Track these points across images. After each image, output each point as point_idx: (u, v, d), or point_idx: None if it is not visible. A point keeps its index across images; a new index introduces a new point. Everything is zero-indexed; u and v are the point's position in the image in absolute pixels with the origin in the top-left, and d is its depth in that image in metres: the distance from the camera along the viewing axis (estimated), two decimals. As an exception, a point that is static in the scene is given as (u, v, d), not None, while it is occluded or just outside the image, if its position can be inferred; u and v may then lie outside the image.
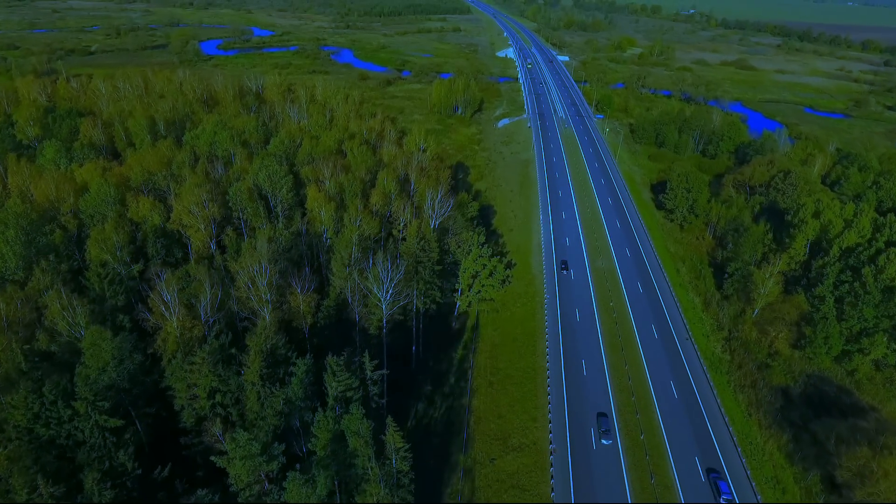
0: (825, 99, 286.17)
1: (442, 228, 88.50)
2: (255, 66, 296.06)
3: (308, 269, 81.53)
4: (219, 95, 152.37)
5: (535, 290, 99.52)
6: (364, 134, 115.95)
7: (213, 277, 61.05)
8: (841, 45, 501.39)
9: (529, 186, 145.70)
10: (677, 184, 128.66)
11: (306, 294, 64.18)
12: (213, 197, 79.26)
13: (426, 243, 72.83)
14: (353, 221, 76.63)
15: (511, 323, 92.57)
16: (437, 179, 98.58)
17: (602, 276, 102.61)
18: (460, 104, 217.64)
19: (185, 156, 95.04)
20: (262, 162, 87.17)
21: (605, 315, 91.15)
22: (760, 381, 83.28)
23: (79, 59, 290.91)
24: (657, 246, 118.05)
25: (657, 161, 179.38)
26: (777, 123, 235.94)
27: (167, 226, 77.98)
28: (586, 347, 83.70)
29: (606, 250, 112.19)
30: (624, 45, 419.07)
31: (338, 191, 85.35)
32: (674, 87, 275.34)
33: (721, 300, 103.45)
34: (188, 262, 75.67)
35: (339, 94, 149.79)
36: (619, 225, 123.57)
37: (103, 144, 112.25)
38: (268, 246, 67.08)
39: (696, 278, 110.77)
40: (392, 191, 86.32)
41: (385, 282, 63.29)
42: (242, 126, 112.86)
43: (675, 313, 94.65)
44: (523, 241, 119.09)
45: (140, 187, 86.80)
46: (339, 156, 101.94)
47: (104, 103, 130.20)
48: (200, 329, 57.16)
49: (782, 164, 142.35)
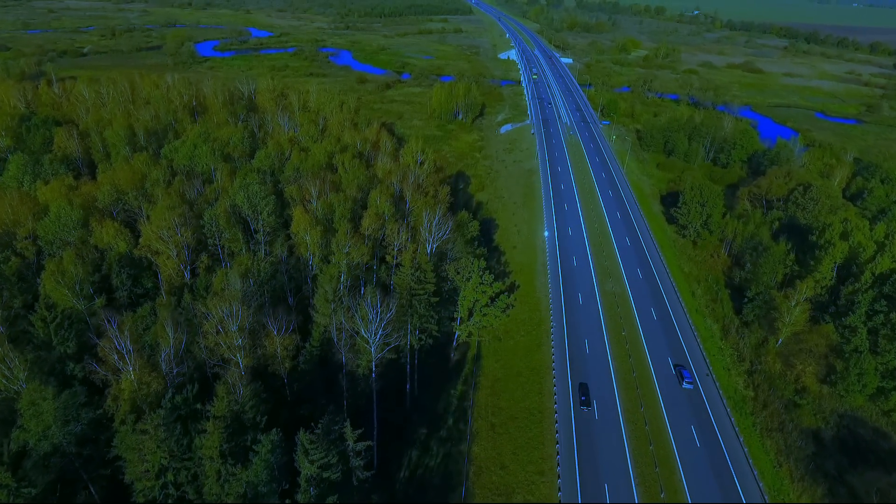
0: (836, 103, 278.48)
1: (440, 252, 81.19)
2: (251, 68, 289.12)
3: (292, 299, 74.26)
4: (208, 101, 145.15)
5: (541, 317, 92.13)
6: (357, 146, 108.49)
7: (177, 320, 53.83)
8: (848, 47, 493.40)
9: (533, 198, 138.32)
10: (691, 197, 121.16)
11: (285, 336, 56.90)
12: (187, 220, 71.77)
13: (422, 273, 65.56)
14: (342, 247, 69.38)
15: (515, 354, 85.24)
16: (435, 198, 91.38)
17: (612, 302, 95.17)
18: (461, 109, 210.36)
19: (160, 172, 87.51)
20: (243, 181, 79.91)
21: (618, 348, 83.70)
22: (789, 423, 75.89)
23: (70, 60, 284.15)
24: (670, 265, 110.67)
25: (666, 170, 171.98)
26: (789, 129, 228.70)
27: (134, 252, 70.71)
28: (598, 386, 76.31)
29: (616, 271, 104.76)
30: (628, 47, 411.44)
31: (326, 212, 78.02)
32: (681, 91, 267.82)
33: (741, 327, 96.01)
34: (160, 292, 68.45)
35: (334, 100, 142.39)
36: (629, 242, 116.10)
37: (79, 157, 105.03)
38: (242, 282, 59.88)
39: (712, 301, 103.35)
40: (385, 212, 79.04)
41: (374, 321, 55.98)
42: (227, 137, 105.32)
43: (693, 343, 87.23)
44: (527, 259, 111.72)
45: (109, 208, 79.36)
46: (329, 171, 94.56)
47: (83, 111, 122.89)
48: (160, 383, 49.87)
49: (800, 176, 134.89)
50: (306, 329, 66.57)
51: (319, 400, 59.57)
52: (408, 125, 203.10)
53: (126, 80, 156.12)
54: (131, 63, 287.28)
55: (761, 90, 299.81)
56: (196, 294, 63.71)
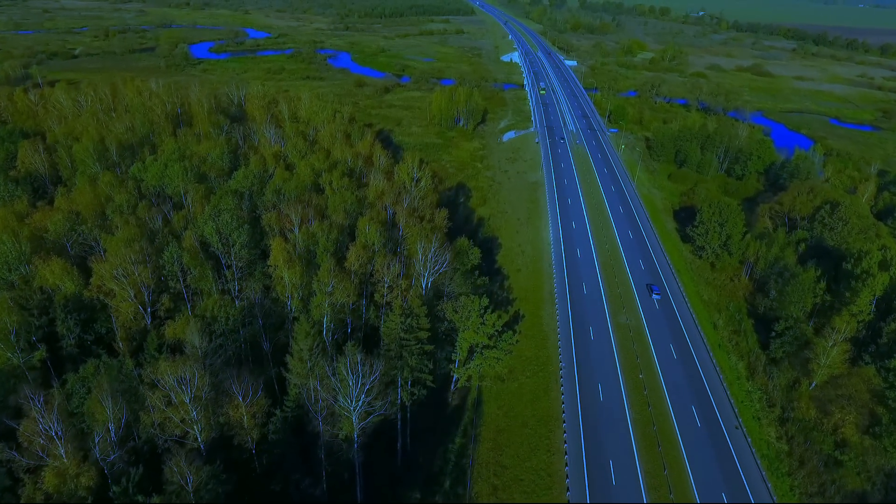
0: (851, 109, 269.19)
1: (437, 286, 72.45)
2: (246, 70, 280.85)
3: (268, 344, 65.39)
4: (193, 109, 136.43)
5: (548, 355, 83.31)
6: (349, 162, 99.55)
7: (118, 391, 45.20)
8: (858, 49, 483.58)
9: (539, 215, 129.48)
10: (708, 216, 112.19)
11: (253, 401, 48.25)
12: (146, 257, 62.90)
13: (414, 320, 56.89)
14: (324, 287, 60.78)
15: (520, 399, 76.40)
16: (432, 222, 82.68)
17: (627, 337, 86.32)
18: (462, 115, 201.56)
19: (124, 197, 78.40)
20: (215, 208, 71.15)
21: (635, 394, 74.85)
22: (830, 484, 67.05)
23: (60, 63, 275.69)
24: (688, 292, 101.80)
25: (678, 182, 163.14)
26: (803, 137, 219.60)
27: (85, 294, 62.12)
28: (613, 441, 67.56)
29: (630, 301, 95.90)
30: (634, 49, 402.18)
31: (308, 243, 69.17)
32: (690, 96, 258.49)
33: (768, 364, 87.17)
34: (115, 338, 59.87)
35: (327, 109, 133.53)
36: (642, 266, 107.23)
37: (45, 174, 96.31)
38: (202, 336, 51.30)
39: (734, 333, 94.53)
40: (375, 243, 70.29)
41: (355, 387, 47.28)
42: (205, 152, 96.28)
43: (718, 387, 78.37)
44: (532, 284, 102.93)
45: (62, 240, 70.38)
46: (314, 193, 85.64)
47: (54, 121, 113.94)
48: (90, 477, 40.84)
49: (825, 192, 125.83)
50: (283, 382, 57.89)
51: (293, 474, 50.90)
52: (406, 132, 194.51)
53: (108, 85, 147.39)
54: (123, 65, 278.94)
55: (772, 95, 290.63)
56: (146, 353, 55.05)
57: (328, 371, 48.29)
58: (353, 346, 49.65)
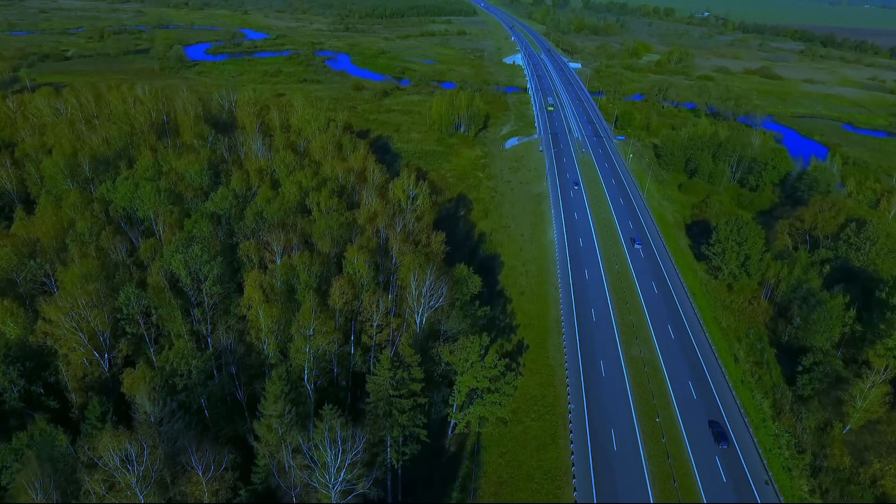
0: (864, 114, 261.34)
1: (432, 322, 65.26)
2: (242, 73, 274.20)
3: (242, 393, 58.22)
4: (179, 117, 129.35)
5: (556, 394, 76.16)
6: (340, 178, 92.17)
7: (49, 473, 38.17)
8: (867, 51, 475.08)
9: (543, 230, 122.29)
10: (726, 234, 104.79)
11: (213, 478, 41.21)
12: (101, 299, 55.44)
13: (405, 372, 49.77)
14: (305, 330, 53.69)
15: (524, 446, 69.20)
16: (428, 246, 75.56)
17: (642, 373, 79.07)
18: (463, 121, 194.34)
19: (87, 222, 70.64)
20: (189, 234, 63.87)
21: (652, 443, 67.65)
22: (873, 550, 59.82)
23: (52, 65, 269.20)
24: (705, 318, 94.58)
25: (689, 193, 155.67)
26: (816, 144, 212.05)
27: (31, 340, 55.05)
28: (629, 499, 60.38)
29: (644, 329, 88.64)
30: (639, 51, 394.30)
31: (288, 277, 61.87)
32: (698, 100, 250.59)
33: (795, 401, 79.96)
34: (66, 387, 52.81)
35: (320, 117, 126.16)
36: (656, 290, 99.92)
37: (13, 192, 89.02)
38: (153, 400, 44.12)
39: (756, 365, 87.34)
40: (364, 276, 63.07)
41: (335, 463, 40.19)
42: (184, 169, 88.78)
43: (744, 432, 71.17)
44: (537, 309, 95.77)
45: (12, 275, 62.87)
46: (300, 216, 78.25)
47: (28, 131, 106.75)
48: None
49: (848, 208, 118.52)
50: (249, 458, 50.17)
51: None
52: (405, 138, 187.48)
53: (91, 91, 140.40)
54: (116, 68, 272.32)
55: (782, 98, 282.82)
56: (88, 421, 47.71)
57: (302, 444, 41.16)
58: (333, 411, 42.61)
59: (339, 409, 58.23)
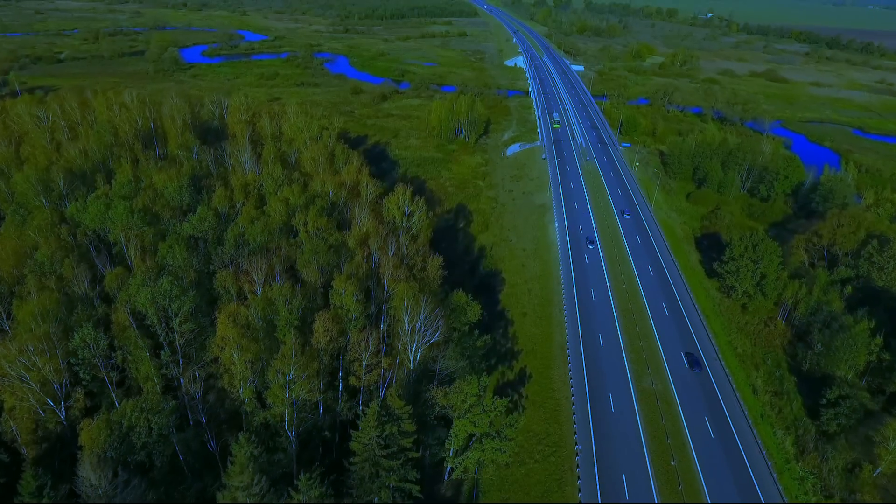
0: (874, 118, 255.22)
1: (426, 360, 59.47)
2: (238, 76, 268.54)
3: (214, 444, 52.43)
4: (166, 125, 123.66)
5: (562, 432, 70.34)
6: (331, 194, 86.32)
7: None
8: (874, 52, 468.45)
9: (547, 246, 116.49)
10: (740, 252, 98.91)
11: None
12: (52, 343, 49.32)
13: (395, 425, 44.04)
14: (285, 374, 48.01)
15: (527, 492, 63.43)
16: (424, 271, 69.84)
17: (654, 408, 73.27)
18: (463, 126, 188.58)
19: (50, 248, 64.24)
20: (157, 266, 58.20)
21: (667, 489, 61.85)
22: None
23: (44, 67, 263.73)
24: (719, 343, 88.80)
25: (698, 203, 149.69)
26: (827, 150, 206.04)
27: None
28: (644, 560, 54.62)
29: (655, 357, 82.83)
30: (643, 53, 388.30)
31: (267, 312, 55.95)
32: (704, 104, 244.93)
33: (818, 437, 74.10)
34: (16, 447, 47.09)
35: (313, 126, 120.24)
36: (667, 312, 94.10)
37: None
38: (99, 476, 38.40)
39: (776, 396, 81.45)
40: (352, 311, 57.27)
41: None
42: (163, 184, 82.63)
43: (766, 476, 65.38)
44: (541, 333, 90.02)
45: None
46: (285, 238, 72.46)
47: (4, 142, 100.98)
48: None
49: (868, 222, 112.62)
50: None
51: None
52: (403, 144, 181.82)
53: (76, 98, 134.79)
54: (110, 70, 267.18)
55: (790, 102, 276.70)
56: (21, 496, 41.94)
57: None
58: (310, 481, 36.95)
59: (325, 460, 52.54)
